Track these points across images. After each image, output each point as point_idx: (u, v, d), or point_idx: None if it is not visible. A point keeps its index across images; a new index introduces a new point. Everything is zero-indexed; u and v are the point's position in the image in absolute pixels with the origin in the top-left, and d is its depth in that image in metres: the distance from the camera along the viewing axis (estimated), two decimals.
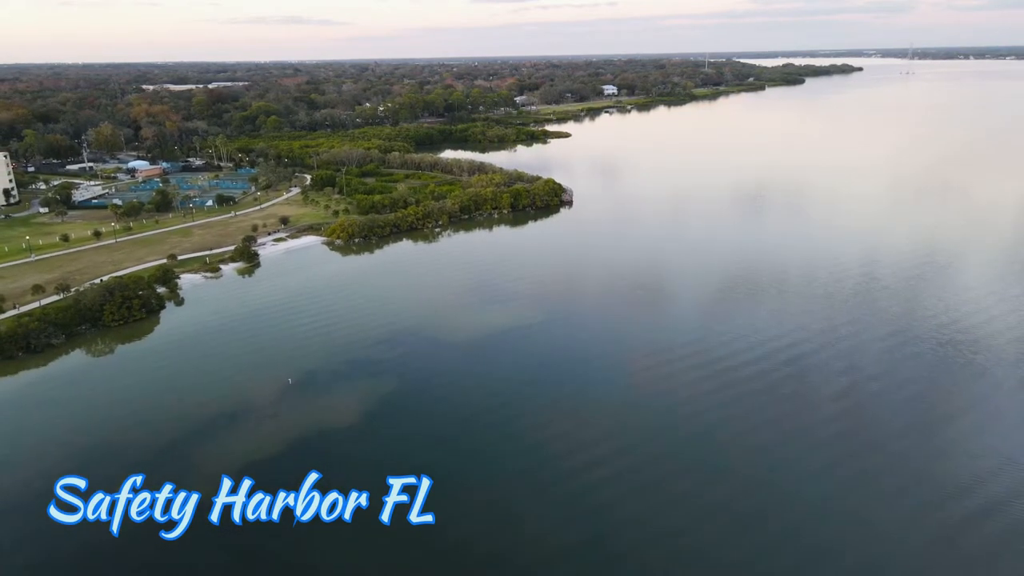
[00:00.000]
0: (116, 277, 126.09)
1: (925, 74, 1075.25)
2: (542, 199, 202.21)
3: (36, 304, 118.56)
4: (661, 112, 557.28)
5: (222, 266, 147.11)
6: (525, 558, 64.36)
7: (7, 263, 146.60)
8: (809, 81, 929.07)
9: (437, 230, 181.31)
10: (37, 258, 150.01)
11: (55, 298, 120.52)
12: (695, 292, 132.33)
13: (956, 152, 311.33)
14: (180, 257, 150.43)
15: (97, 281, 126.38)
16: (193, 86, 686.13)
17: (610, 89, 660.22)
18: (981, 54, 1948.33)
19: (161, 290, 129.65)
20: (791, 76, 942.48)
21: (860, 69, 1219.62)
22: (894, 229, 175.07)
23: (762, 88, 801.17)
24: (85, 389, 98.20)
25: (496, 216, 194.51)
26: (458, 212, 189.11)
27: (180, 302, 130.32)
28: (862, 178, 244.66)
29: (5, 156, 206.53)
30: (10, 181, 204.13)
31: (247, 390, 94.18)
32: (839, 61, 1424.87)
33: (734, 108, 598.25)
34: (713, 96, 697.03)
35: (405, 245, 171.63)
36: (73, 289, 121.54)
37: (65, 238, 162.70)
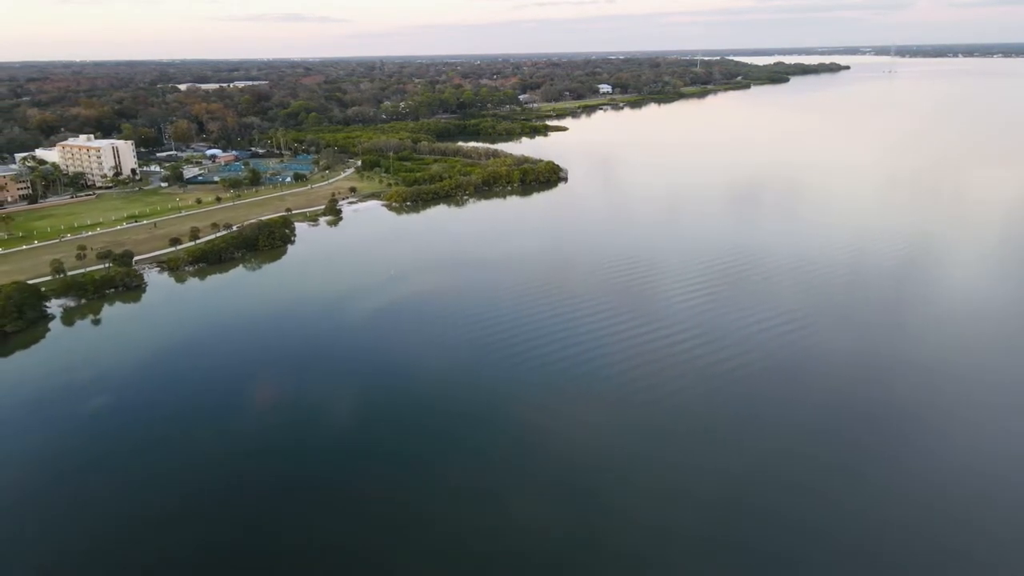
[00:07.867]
0: (259, 220, 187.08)
1: (906, 72, 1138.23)
2: (544, 176, 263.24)
3: (213, 236, 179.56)
4: (651, 109, 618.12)
5: (319, 218, 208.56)
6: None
7: (166, 217, 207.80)
8: (794, 80, 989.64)
9: (465, 198, 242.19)
10: (186, 214, 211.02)
11: (222, 232, 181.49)
12: (658, 241, 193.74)
13: (894, 142, 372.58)
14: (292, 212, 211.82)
15: (244, 224, 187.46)
16: (217, 85, 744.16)
17: (605, 88, 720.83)
18: (970, 51, 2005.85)
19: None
20: (776, 75, 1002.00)
21: (847, 67, 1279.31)
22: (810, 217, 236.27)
23: (748, 87, 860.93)
24: (261, 282, 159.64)
25: (509, 188, 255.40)
26: (480, 185, 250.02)
27: (293, 242, 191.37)
28: (797, 163, 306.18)
29: (132, 143, 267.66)
30: (135, 161, 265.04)
31: (365, 280, 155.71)
32: (834, 58, 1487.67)
33: (715, 105, 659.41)
34: (701, 94, 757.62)
35: (442, 208, 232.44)
36: (235, 227, 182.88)
37: (198, 201, 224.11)
